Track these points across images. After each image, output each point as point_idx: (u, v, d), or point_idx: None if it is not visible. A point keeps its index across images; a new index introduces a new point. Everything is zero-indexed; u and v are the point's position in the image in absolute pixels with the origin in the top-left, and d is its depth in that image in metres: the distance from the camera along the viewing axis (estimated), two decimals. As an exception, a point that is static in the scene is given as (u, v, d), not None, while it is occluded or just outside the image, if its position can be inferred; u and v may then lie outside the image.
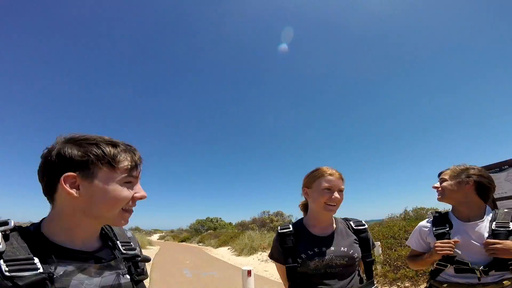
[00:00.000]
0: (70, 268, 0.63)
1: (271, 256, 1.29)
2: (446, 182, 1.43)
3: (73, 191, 0.62)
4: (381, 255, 5.26)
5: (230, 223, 31.33)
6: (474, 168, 1.41)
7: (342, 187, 1.20)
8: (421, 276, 4.31)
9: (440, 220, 1.47)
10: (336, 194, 1.15)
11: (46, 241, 0.64)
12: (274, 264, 1.33)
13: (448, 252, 1.29)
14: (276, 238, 1.25)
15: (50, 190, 0.65)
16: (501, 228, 1.31)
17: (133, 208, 0.73)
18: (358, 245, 1.20)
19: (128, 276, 0.74)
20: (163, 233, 37.89)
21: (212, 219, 33.67)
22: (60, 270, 0.61)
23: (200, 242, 20.32)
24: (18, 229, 0.64)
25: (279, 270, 1.28)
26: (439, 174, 1.51)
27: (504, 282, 1.26)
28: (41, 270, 0.58)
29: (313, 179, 1.22)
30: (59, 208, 0.66)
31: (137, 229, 34.88)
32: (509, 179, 3.78)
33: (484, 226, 1.35)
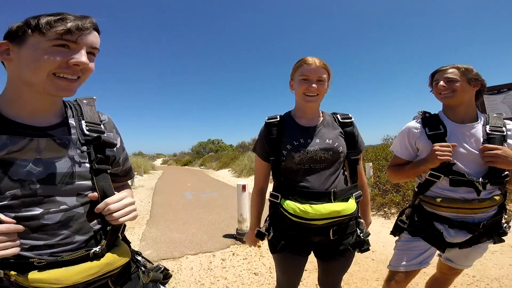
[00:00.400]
0: (14, 144, 0.61)
1: (254, 149, 1.24)
2: (458, 82, 1.22)
3: (3, 56, 0.64)
4: (372, 177, 5.36)
5: (231, 145, 32.75)
6: (473, 69, 1.25)
7: (323, 76, 1.11)
8: (407, 202, 4.46)
9: (432, 120, 1.28)
10: (313, 84, 1.09)
11: None
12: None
13: (449, 158, 1.13)
14: (262, 129, 1.20)
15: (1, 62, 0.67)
16: (495, 132, 1.20)
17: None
18: (343, 139, 1.15)
19: (87, 165, 0.70)
20: (166, 157, 40.26)
21: (213, 140, 35.04)
22: (3, 147, 0.60)
23: (202, 165, 21.61)
24: None
25: (258, 167, 1.23)
26: (434, 74, 1.31)
27: (495, 197, 1.17)
28: None
29: (294, 70, 1.17)
30: (7, 79, 0.67)
31: (140, 154, 36.64)
32: (505, 101, 3.62)
33: (478, 129, 1.22)
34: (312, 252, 1.17)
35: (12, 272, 0.59)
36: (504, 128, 1.21)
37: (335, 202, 1.04)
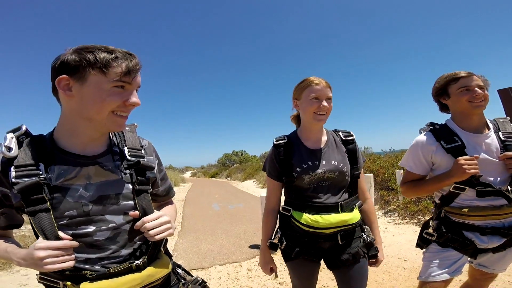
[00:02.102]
0: (71, 172, 0.70)
1: (264, 169, 1.29)
2: (486, 90, 1.22)
3: (64, 92, 0.68)
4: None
5: (254, 156, 32.97)
6: None
7: (330, 95, 1.18)
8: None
9: (445, 133, 1.24)
10: (324, 103, 1.15)
11: (54, 145, 0.72)
12: None
13: (477, 171, 1.11)
14: (271, 151, 1.25)
15: (54, 93, 0.72)
16: (510, 138, 1.19)
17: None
18: (347, 157, 1.21)
19: (130, 186, 0.76)
20: (195, 170, 41.53)
21: (237, 152, 35.57)
22: (61, 175, 0.68)
23: (228, 177, 22.02)
24: (31, 135, 0.72)
25: (270, 187, 1.27)
26: (455, 80, 1.24)
27: None
28: (43, 175, 0.66)
29: (301, 90, 1.21)
30: (63, 111, 0.73)
31: (170, 168, 38.36)
32: None
33: (493, 137, 1.20)
34: (324, 262, 1.23)
35: (68, 283, 0.68)
36: None
37: (342, 213, 1.12)
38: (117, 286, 0.69)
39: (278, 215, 1.27)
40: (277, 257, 2.28)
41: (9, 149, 0.66)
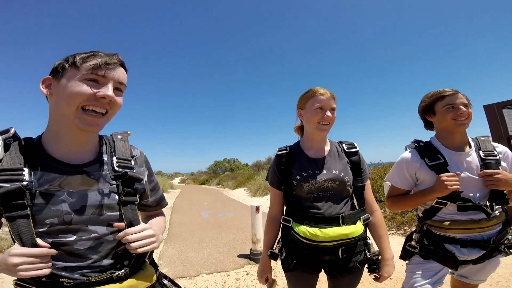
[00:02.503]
0: (55, 179, 0.68)
1: (267, 179, 1.32)
2: (470, 108, 1.26)
3: (45, 90, 0.71)
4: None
5: (246, 164, 32.89)
6: None
7: (334, 106, 1.20)
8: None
9: (429, 150, 1.30)
10: (328, 113, 1.17)
11: (41, 150, 0.71)
12: None
13: (458, 187, 1.17)
14: (273, 161, 1.28)
15: (47, 99, 0.73)
16: (489, 157, 1.24)
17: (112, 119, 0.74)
18: (350, 168, 1.21)
19: (116, 197, 0.74)
20: (184, 176, 40.97)
21: (228, 160, 35.40)
22: (46, 181, 0.67)
23: (218, 184, 21.81)
24: (19, 138, 0.71)
25: (273, 196, 1.29)
26: (440, 98, 1.28)
27: (500, 215, 1.23)
28: (26, 181, 0.65)
29: (306, 99, 1.22)
30: (49, 114, 0.73)
31: (159, 173, 37.65)
32: None
33: (474, 156, 1.26)
34: (322, 269, 1.23)
35: None
36: (495, 152, 1.26)
37: (343, 226, 1.10)
38: None
39: (281, 226, 1.26)
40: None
41: None
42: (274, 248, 1.25)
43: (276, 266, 3.33)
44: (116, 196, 0.75)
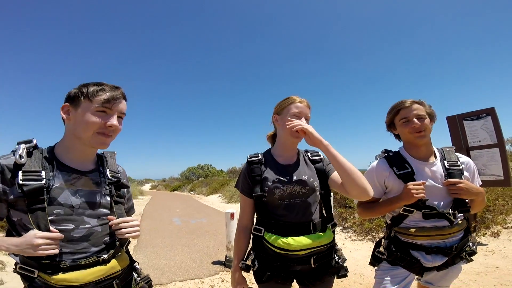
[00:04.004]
0: (64, 180, 0.87)
1: (237, 186, 1.30)
2: (426, 119, 1.29)
3: (65, 116, 0.90)
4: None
5: (221, 170, 32.39)
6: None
7: (309, 115, 1.23)
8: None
9: (397, 160, 1.34)
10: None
11: (54, 158, 0.90)
12: None
13: (423, 195, 1.21)
14: (244, 167, 1.27)
15: (62, 119, 0.92)
16: (453, 167, 1.29)
17: (112, 139, 0.94)
18: (317, 175, 1.23)
19: (108, 198, 0.96)
20: (155, 183, 39.19)
21: (203, 166, 34.62)
22: (57, 181, 0.86)
23: (192, 190, 21.21)
24: (37, 147, 0.89)
25: (243, 204, 1.27)
26: (396, 111, 1.34)
27: (462, 222, 1.29)
28: (43, 181, 0.82)
29: (283, 105, 1.24)
30: (65, 131, 0.94)
31: (129, 179, 35.56)
32: (484, 127, 3.78)
33: (439, 165, 1.31)
34: (294, 280, 1.22)
35: (41, 274, 0.80)
36: (459, 162, 1.32)
37: (314, 233, 1.13)
38: (85, 276, 0.83)
39: (252, 236, 1.25)
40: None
41: (21, 157, 0.82)
42: (246, 260, 1.24)
43: (250, 275, 3.32)
44: (109, 198, 0.96)
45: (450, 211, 1.24)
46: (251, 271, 1.23)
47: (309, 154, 1.30)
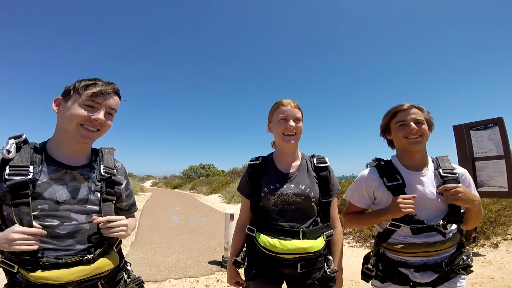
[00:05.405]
0: (52, 175, 0.85)
1: (238, 188, 1.33)
2: (424, 125, 1.20)
3: (56, 108, 0.90)
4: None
5: (222, 171, 32.36)
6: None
7: (298, 115, 1.20)
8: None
9: (388, 170, 1.25)
10: (291, 123, 1.17)
11: (45, 153, 0.88)
12: None
13: (412, 210, 1.12)
14: (246, 170, 1.29)
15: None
16: (449, 174, 1.21)
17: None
18: (318, 184, 1.21)
19: (98, 194, 0.91)
20: (156, 180, 39.32)
21: (204, 165, 34.64)
22: (44, 176, 0.84)
23: (192, 189, 21.23)
24: (27, 142, 0.88)
25: (243, 204, 1.31)
26: (393, 114, 1.25)
27: (455, 236, 1.20)
28: (30, 176, 0.80)
29: (272, 113, 1.24)
30: (56, 125, 0.92)
31: (130, 175, 35.59)
32: (491, 138, 3.68)
33: (431, 175, 1.22)
34: (285, 282, 1.23)
35: (21, 269, 0.78)
36: (455, 170, 1.24)
37: (303, 240, 1.11)
38: (67, 275, 0.80)
39: (245, 235, 1.28)
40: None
41: (9, 152, 0.81)
42: (238, 256, 1.26)
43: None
44: (99, 194, 0.92)
45: (441, 222, 1.15)
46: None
47: (314, 160, 1.26)
